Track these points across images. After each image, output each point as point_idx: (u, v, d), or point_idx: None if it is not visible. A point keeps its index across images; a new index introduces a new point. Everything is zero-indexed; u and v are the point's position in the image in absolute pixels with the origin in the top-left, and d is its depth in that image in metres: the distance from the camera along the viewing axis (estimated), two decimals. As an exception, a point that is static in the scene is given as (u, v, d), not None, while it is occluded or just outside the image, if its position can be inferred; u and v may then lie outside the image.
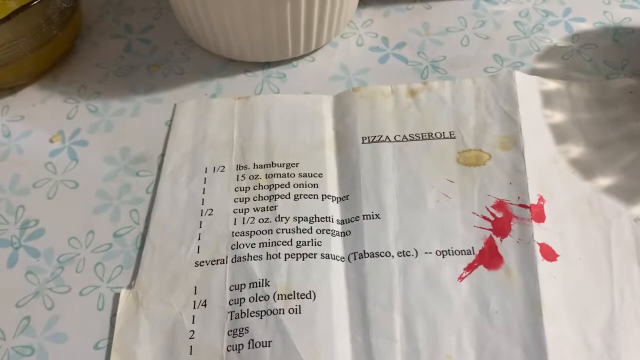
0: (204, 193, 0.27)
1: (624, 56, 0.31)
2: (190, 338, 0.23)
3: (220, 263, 0.25)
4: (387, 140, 0.28)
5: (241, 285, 0.24)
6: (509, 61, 0.31)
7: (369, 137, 0.28)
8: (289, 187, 0.27)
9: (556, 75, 0.30)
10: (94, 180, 0.28)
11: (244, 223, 0.26)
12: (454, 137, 0.28)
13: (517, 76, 0.29)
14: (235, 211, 0.26)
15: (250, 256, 0.25)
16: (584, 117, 0.29)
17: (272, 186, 0.27)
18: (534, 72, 0.31)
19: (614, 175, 0.27)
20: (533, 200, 0.25)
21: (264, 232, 0.25)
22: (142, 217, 0.27)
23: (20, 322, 0.24)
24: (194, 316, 0.24)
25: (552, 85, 0.29)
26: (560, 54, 0.31)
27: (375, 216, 0.26)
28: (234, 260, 0.25)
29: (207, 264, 0.25)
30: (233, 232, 0.25)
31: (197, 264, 0.25)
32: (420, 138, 0.28)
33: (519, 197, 0.26)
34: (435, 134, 0.28)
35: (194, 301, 0.24)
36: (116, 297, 0.25)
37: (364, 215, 0.26)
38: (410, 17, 0.34)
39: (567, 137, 0.28)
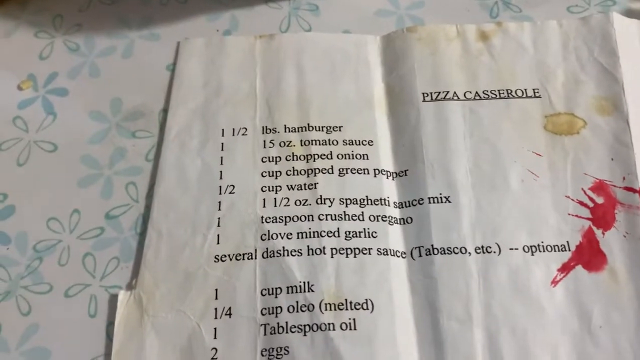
0: (221, 164, 0.22)
1: None
2: (212, 358, 0.18)
3: (248, 258, 0.20)
4: (455, 97, 0.22)
5: (276, 289, 0.19)
6: (597, -1, 0.25)
7: (431, 94, 0.23)
8: (331, 158, 0.21)
9: (658, 17, 0.25)
10: (77, 142, 0.23)
11: (275, 205, 0.20)
12: (539, 97, 0.22)
13: (616, 19, 0.23)
14: (264, 189, 0.21)
15: (287, 250, 0.20)
16: (697, 73, 0.23)
17: (309, 156, 0.21)
18: (629, 13, 0.25)
19: None
20: (643, 181, 0.21)
21: (303, 219, 0.20)
22: (141, 192, 0.22)
23: (-13, 332, 0.19)
24: (215, 329, 0.19)
25: (657, 31, 0.24)
26: (660, -10, 0.26)
27: (444, 199, 0.21)
28: (265, 255, 0.20)
29: (231, 259, 0.20)
30: (262, 217, 0.20)
31: (217, 258, 0.20)
32: (497, 96, 0.22)
33: (624, 178, 0.21)
34: (516, 92, 0.22)
35: (215, 308, 0.19)
36: (112, 299, 0.20)
37: (429, 198, 0.20)
38: (472, -64, 0.27)
39: (680, 100, 0.22)
